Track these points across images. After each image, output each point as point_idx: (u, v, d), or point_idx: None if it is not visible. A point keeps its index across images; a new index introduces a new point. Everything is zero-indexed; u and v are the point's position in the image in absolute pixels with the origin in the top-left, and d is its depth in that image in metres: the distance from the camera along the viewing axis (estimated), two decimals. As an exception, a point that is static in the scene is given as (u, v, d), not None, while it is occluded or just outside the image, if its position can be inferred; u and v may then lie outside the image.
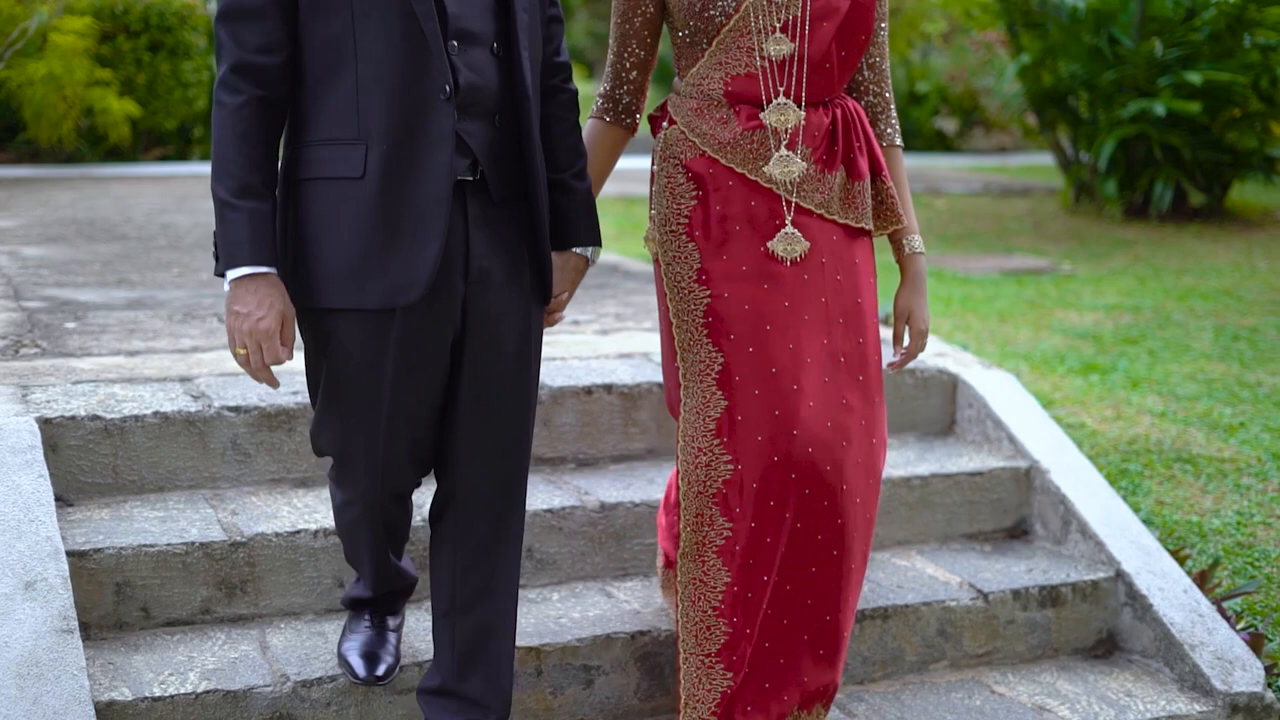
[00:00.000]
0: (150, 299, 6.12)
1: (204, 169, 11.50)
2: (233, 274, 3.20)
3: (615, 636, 4.05)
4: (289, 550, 4.08)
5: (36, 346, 5.12)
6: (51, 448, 4.20)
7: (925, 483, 4.73)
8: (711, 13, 3.55)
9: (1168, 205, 12.13)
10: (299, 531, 4.10)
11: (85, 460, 4.25)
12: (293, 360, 3.44)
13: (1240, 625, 4.57)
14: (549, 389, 4.64)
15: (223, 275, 3.24)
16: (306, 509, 4.24)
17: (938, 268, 9.70)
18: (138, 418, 4.29)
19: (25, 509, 3.87)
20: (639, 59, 3.74)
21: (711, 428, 3.56)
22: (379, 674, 3.71)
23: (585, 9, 31.29)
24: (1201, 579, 4.63)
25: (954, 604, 4.38)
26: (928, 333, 3.82)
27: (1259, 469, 5.57)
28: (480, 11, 3.29)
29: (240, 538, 4.05)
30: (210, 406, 4.37)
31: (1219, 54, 11.83)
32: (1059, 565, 4.63)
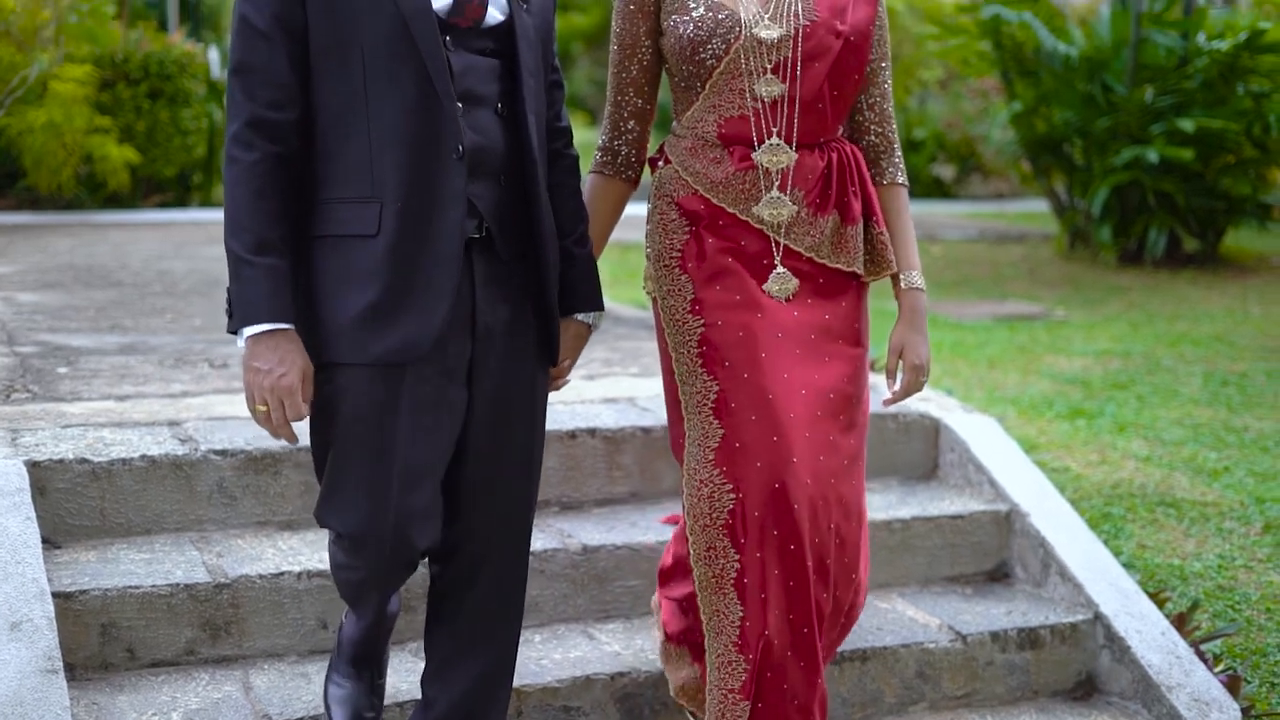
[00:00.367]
0: (142, 344, 6.18)
1: (202, 215, 11.61)
2: (250, 331, 3.17)
3: (595, 678, 4.09)
4: (273, 592, 4.13)
5: (28, 391, 5.18)
6: (40, 490, 4.25)
7: (906, 526, 4.77)
8: (703, 56, 3.57)
9: (1162, 251, 12.19)
10: (283, 573, 4.14)
11: (73, 503, 4.30)
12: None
13: (1219, 667, 4.60)
14: (533, 433, 4.68)
15: (235, 333, 3.22)
16: (291, 551, 4.29)
17: (931, 314, 9.69)
18: (125, 461, 4.34)
19: (12, 551, 3.93)
20: (637, 108, 3.76)
21: (711, 458, 3.57)
22: None
23: (587, 56, 31.44)
24: (1180, 621, 4.67)
25: (933, 646, 4.41)
26: (924, 369, 3.75)
27: (1242, 513, 5.60)
28: (485, 74, 3.30)
29: (225, 579, 4.10)
30: (197, 450, 4.42)
31: (1212, 101, 11.90)
32: (1039, 608, 4.67)
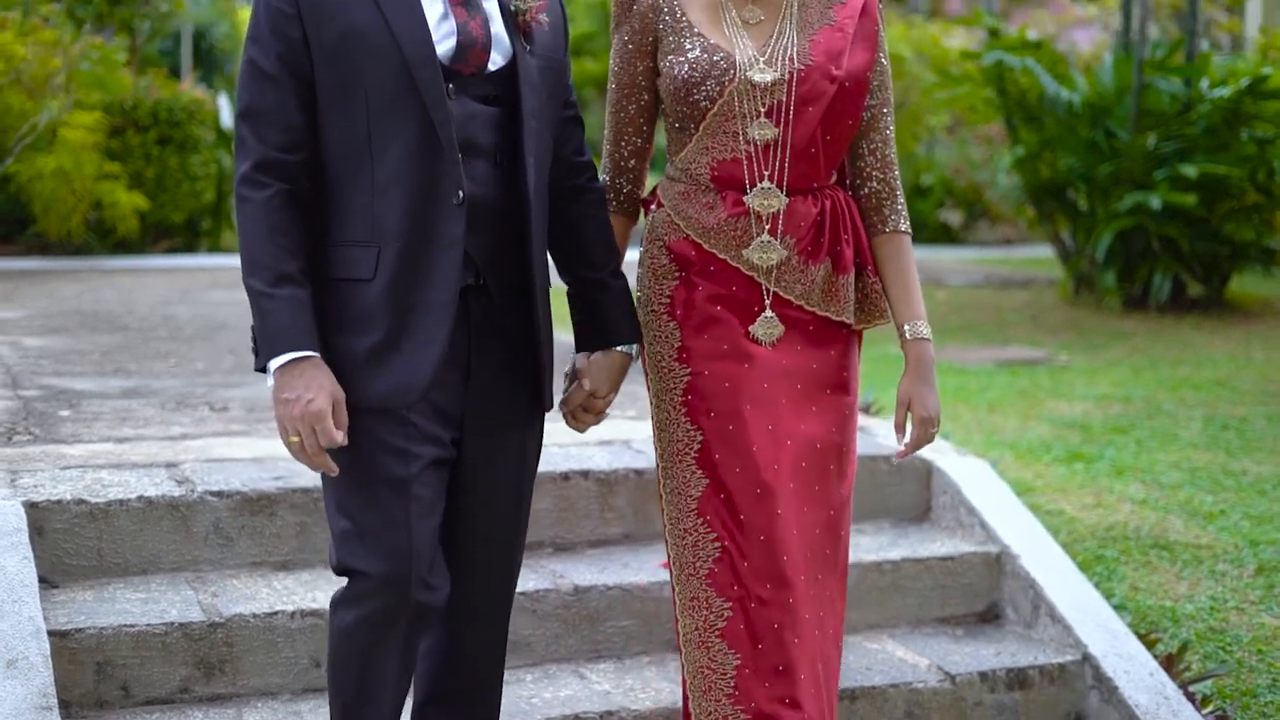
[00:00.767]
0: (145, 388, 6.24)
1: (209, 261, 11.69)
2: (276, 362, 3.17)
3: (585, 717, 4.12)
4: (266, 631, 4.17)
5: (29, 433, 5.23)
6: (38, 531, 4.30)
7: (896, 567, 4.81)
8: (697, 97, 3.57)
9: (1167, 296, 12.22)
10: (276, 613, 4.19)
11: (71, 543, 4.35)
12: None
13: (1208, 708, 4.63)
14: (527, 474, 4.73)
15: (263, 370, 3.22)
16: (285, 591, 4.34)
17: (934, 359, 9.77)
18: (122, 502, 4.40)
19: (9, 589, 3.98)
20: (636, 147, 3.76)
21: (694, 507, 3.56)
22: None
23: (599, 102, 31.55)
24: (1169, 662, 4.69)
25: (921, 686, 4.44)
26: (934, 420, 3.69)
27: (1235, 555, 5.63)
28: (485, 122, 3.31)
29: (219, 618, 4.14)
30: (194, 491, 4.48)
31: (1215, 147, 11.95)
32: (1028, 648, 4.70)
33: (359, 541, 3.28)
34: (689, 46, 3.59)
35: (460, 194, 3.22)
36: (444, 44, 3.25)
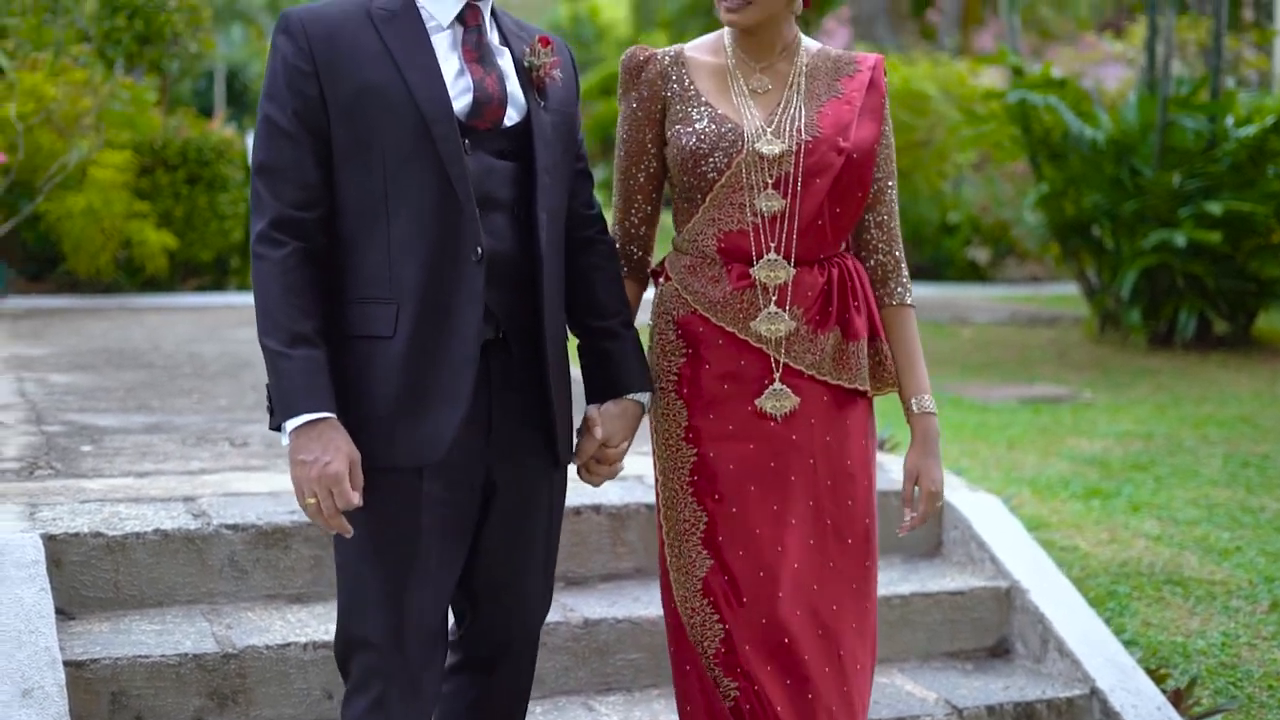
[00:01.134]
0: (167, 424, 6.32)
1: (236, 299, 11.76)
2: (292, 423, 3.14)
3: (593, 748, 4.17)
4: (279, 662, 4.23)
5: (51, 468, 5.31)
6: (55, 563, 4.37)
7: (906, 601, 4.84)
8: (704, 168, 3.55)
9: (1192, 334, 12.21)
10: (289, 644, 4.25)
11: (88, 575, 4.42)
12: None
13: (1217, 743, 4.65)
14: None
15: (279, 429, 3.20)
16: (299, 623, 4.39)
17: (957, 395, 9.82)
18: (139, 535, 4.47)
19: (26, 620, 4.04)
20: (645, 214, 3.74)
21: (699, 587, 3.54)
22: None
23: (603, 163, 31.70)
24: (1178, 697, 4.71)
25: (928, 720, 4.48)
26: (939, 494, 3.68)
27: (1249, 591, 5.64)
28: (502, 177, 3.31)
29: (232, 650, 4.20)
30: (210, 524, 4.54)
31: (1241, 184, 11.95)
32: (1036, 683, 4.72)
33: (362, 609, 3.28)
34: (696, 116, 3.58)
35: (479, 249, 3.22)
36: (460, 100, 3.26)
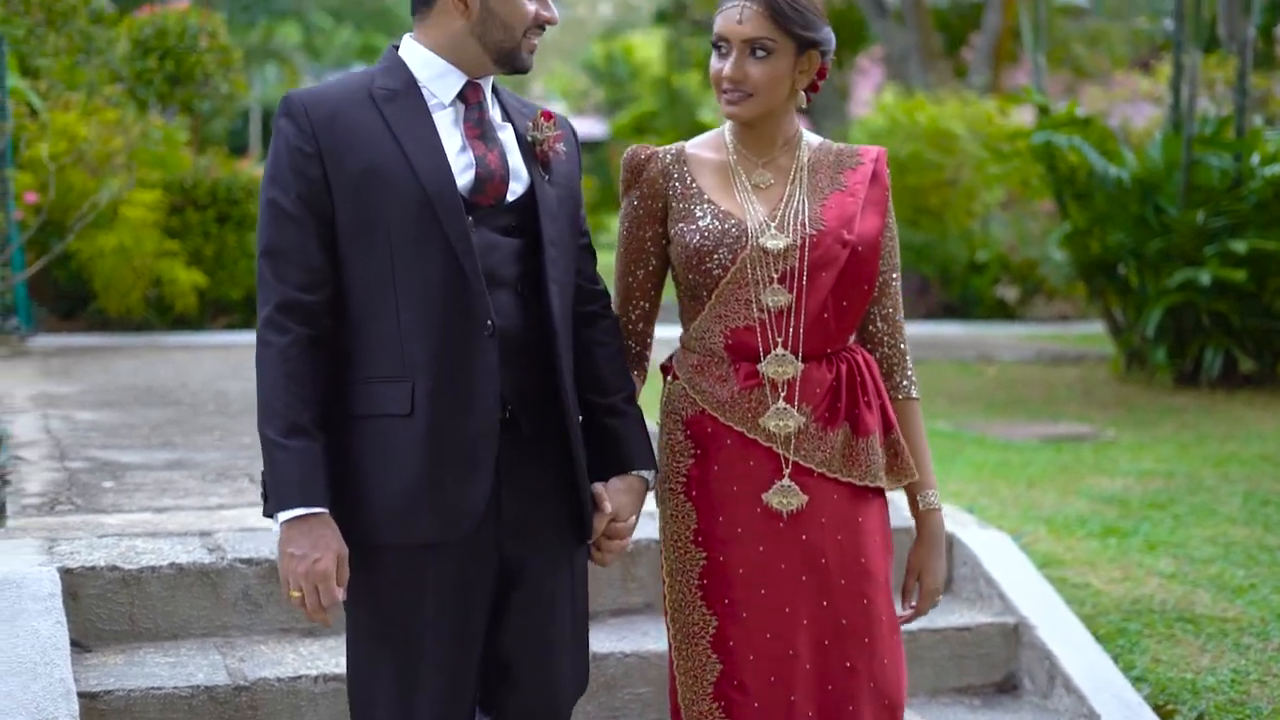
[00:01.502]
0: (188, 460, 6.40)
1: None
2: (284, 515, 3.16)
3: (598, 782, 4.21)
4: (290, 695, 4.29)
5: (71, 504, 5.40)
6: (72, 596, 4.45)
7: (914, 637, 4.87)
8: (709, 265, 3.54)
9: (1218, 372, 12.20)
10: (300, 677, 4.31)
11: (104, 608, 4.50)
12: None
13: (1224, 780, 4.66)
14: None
15: (271, 516, 3.21)
16: (311, 656, 4.46)
17: (981, 434, 9.83)
18: (154, 568, 4.54)
19: (42, 652, 4.11)
20: (644, 311, 3.73)
21: (709, 691, 3.52)
22: None
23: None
24: (1183, 733, 4.74)
25: (934, 754, 4.51)
26: (940, 591, 3.72)
27: (1261, 629, 5.65)
28: (507, 253, 3.31)
29: (244, 682, 4.27)
30: (224, 558, 4.61)
31: (1266, 223, 11.94)
32: (1043, 718, 4.75)
33: (370, 706, 3.31)
34: (700, 214, 3.57)
35: (490, 323, 3.23)
36: (463, 176, 3.28)
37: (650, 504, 5.40)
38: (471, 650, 3.33)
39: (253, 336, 3.25)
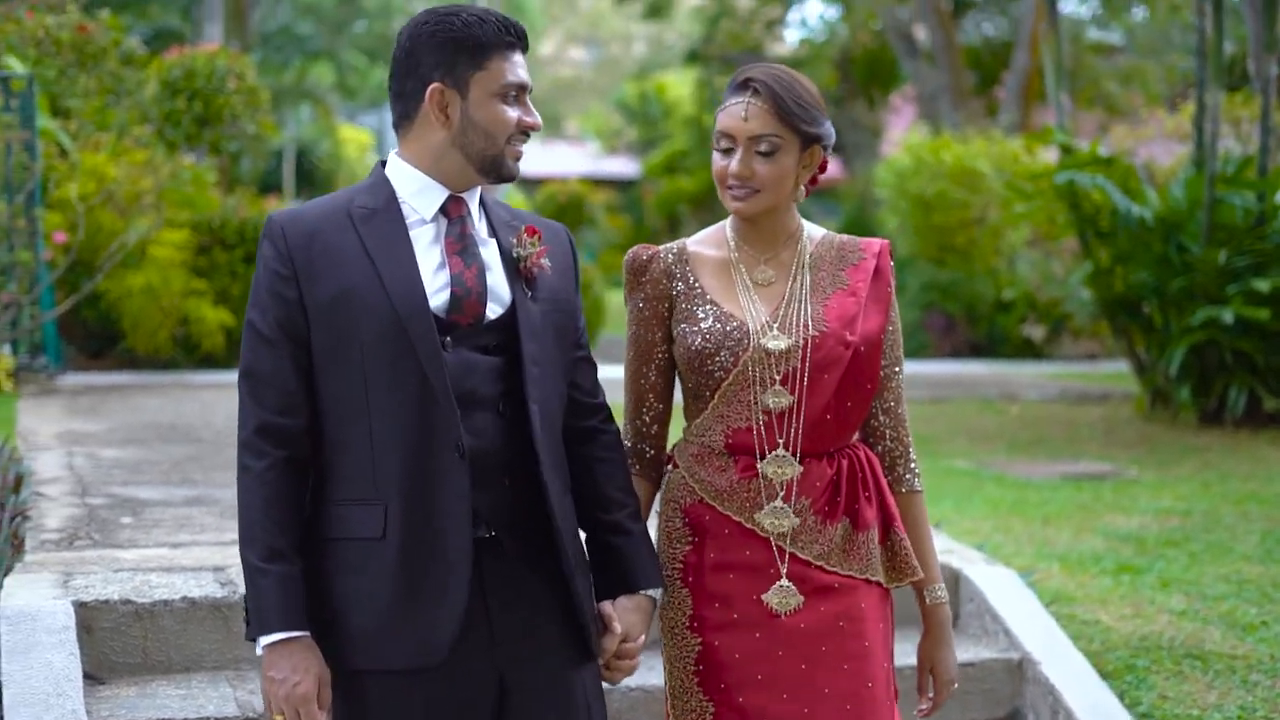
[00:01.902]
0: (207, 496, 6.49)
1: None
2: (265, 640, 3.16)
3: (601, 814, 4.24)
4: (297, 728, 4.34)
5: (90, 539, 5.49)
6: (86, 629, 4.53)
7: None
8: (711, 367, 3.54)
9: (1242, 411, 12.19)
10: (308, 710, 4.36)
11: (117, 641, 4.58)
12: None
13: (1227, 816, 4.69)
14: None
15: (253, 640, 3.20)
16: (320, 690, 4.51)
17: (1001, 472, 9.86)
18: (167, 602, 4.62)
19: (55, 684, 4.20)
20: (657, 412, 3.71)
21: None
22: None
23: (693, 217, 31.93)
24: (1187, 769, 4.76)
25: (936, 789, 4.53)
26: (954, 681, 3.72)
27: (1270, 666, 5.67)
28: (486, 373, 3.28)
29: (253, 714, 4.34)
30: (236, 593, 4.68)
31: (1290, 261, 11.98)
32: (1046, 754, 4.79)
33: None
34: (702, 315, 3.57)
35: (460, 445, 3.20)
36: (437, 296, 3.25)
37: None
38: None
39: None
